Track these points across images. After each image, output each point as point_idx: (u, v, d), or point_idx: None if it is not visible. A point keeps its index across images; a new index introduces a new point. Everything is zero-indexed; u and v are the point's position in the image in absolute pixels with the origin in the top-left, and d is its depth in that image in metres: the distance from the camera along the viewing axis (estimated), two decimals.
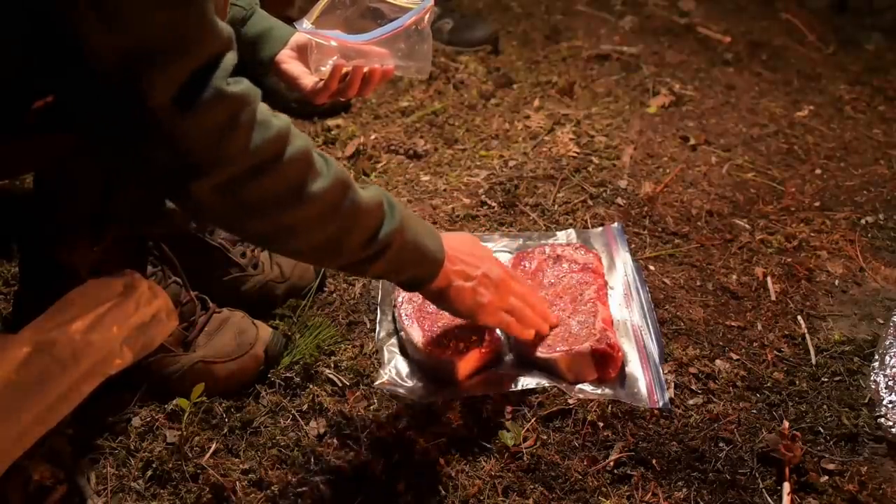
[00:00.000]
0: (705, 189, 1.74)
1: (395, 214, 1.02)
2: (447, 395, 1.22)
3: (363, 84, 1.28)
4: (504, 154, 1.84)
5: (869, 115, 2.08)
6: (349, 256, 1.01)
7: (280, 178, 0.90)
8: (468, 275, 1.13)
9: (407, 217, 1.05)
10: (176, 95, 0.80)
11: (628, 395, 1.23)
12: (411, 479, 1.11)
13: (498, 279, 1.17)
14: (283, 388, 1.25)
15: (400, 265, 1.06)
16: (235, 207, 0.90)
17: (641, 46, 2.34)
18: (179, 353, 1.22)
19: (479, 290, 1.15)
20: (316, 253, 1.02)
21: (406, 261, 1.06)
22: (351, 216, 0.97)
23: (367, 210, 0.99)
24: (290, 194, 0.92)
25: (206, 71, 0.81)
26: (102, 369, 1.06)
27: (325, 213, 0.95)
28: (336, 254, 1.01)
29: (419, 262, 1.08)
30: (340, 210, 0.96)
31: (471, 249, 1.17)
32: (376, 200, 1.00)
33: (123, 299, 1.09)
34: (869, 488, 1.11)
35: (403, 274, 1.08)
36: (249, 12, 1.27)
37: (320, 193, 0.93)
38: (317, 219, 0.95)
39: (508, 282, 1.20)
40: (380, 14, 1.27)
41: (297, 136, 0.92)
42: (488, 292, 1.16)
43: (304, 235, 0.96)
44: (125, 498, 1.10)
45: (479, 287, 1.14)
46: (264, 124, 0.88)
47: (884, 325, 1.37)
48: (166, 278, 1.23)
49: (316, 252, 1.01)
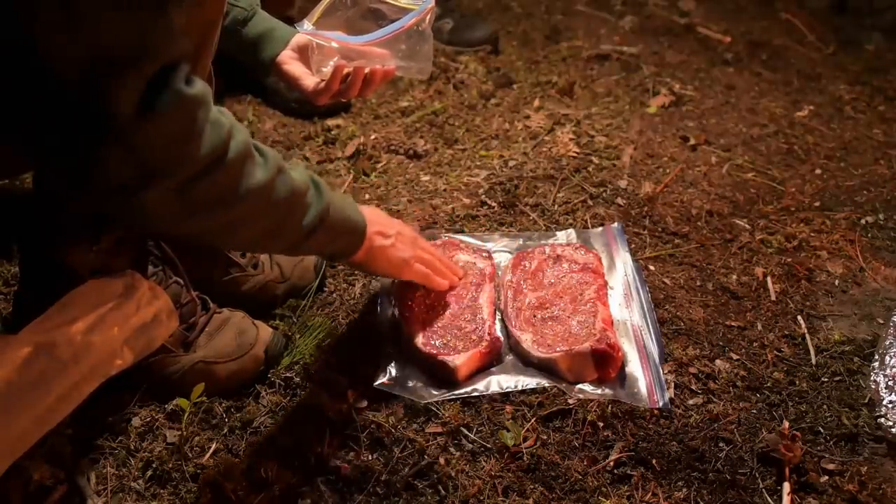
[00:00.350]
0: (705, 189, 1.74)
1: (322, 190, 1.07)
2: (447, 395, 1.23)
3: (364, 85, 1.28)
4: (504, 154, 1.84)
5: (869, 115, 2.08)
6: (289, 239, 1.05)
7: (227, 174, 0.91)
8: (386, 233, 1.22)
9: (331, 193, 1.09)
10: (138, 102, 0.80)
11: (628, 395, 1.23)
12: (411, 479, 1.12)
13: (410, 235, 1.28)
14: (283, 388, 1.25)
15: (333, 238, 1.11)
16: (184, 209, 0.90)
17: (641, 46, 2.34)
18: (180, 354, 1.22)
19: (398, 247, 1.24)
20: (259, 241, 1.05)
21: (338, 233, 1.11)
22: (287, 201, 1.00)
23: (298, 192, 1.02)
24: (234, 188, 0.92)
25: (166, 75, 0.81)
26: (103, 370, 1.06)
27: (266, 202, 0.97)
28: (278, 239, 1.04)
29: (348, 231, 1.14)
30: (278, 197, 0.98)
31: (381, 214, 1.26)
32: (304, 181, 1.04)
33: (124, 300, 1.09)
34: (869, 488, 1.11)
35: (335, 245, 1.14)
36: (250, 13, 1.27)
37: (262, 183, 0.95)
38: (258, 210, 0.97)
39: (417, 238, 1.30)
40: (381, 15, 1.27)
41: (239, 130, 0.93)
42: (406, 247, 1.25)
43: (248, 227, 0.98)
44: (125, 498, 1.10)
45: (397, 243, 1.23)
46: (217, 123, 0.88)
47: (884, 325, 1.38)
48: (167, 278, 1.23)
49: (259, 240, 1.04)
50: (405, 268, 1.26)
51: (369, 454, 1.15)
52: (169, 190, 0.86)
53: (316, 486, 1.10)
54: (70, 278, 1.08)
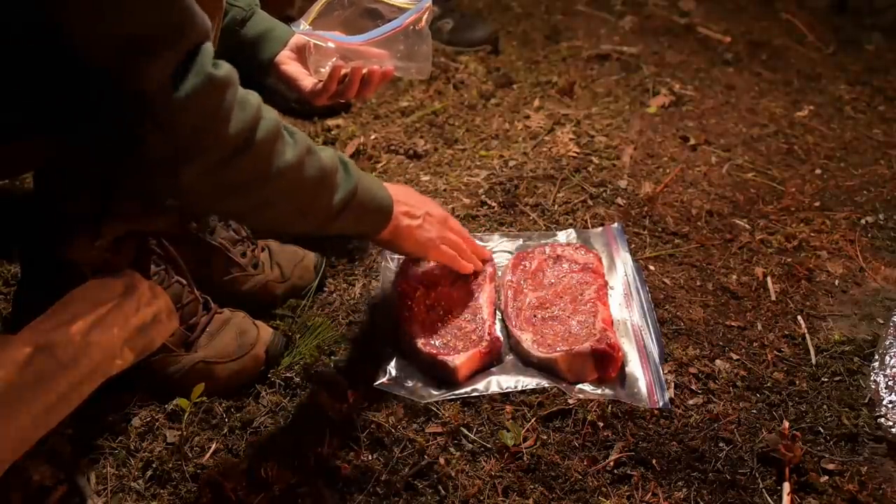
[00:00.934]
0: (705, 189, 1.74)
1: (350, 170, 1.09)
2: (447, 395, 1.23)
3: (363, 85, 1.28)
4: (504, 154, 1.84)
5: (869, 115, 2.08)
6: (318, 218, 1.06)
7: (258, 154, 0.93)
8: (413, 214, 1.23)
9: (359, 172, 1.11)
10: (169, 81, 0.82)
11: (628, 395, 1.23)
12: (411, 479, 1.12)
13: (440, 216, 1.29)
14: (283, 388, 1.25)
15: (361, 216, 1.12)
16: (220, 188, 0.93)
17: (641, 46, 2.34)
18: (181, 354, 1.22)
19: (425, 227, 1.25)
20: (288, 221, 1.07)
21: (365, 212, 1.13)
22: (316, 181, 1.02)
23: (329, 172, 1.04)
24: (266, 168, 0.94)
25: (194, 56, 0.84)
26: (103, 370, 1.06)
27: (296, 182, 0.99)
28: (308, 217, 1.06)
29: (375, 210, 1.15)
30: (309, 175, 1.00)
31: (410, 192, 1.27)
32: (333, 161, 1.05)
33: (124, 300, 1.09)
34: (869, 488, 1.11)
35: (363, 224, 1.15)
36: (249, 13, 1.27)
37: (291, 164, 0.97)
38: (288, 189, 0.99)
39: (448, 219, 1.32)
40: (378, 15, 1.27)
41: (268, 110, 0.95)
42: (434, 228, 1.27)
43: (279, 206, 1.01)
44: (125, 498, 1.10)
45: (424, 224, 1.25)
46: (243, 103, 0.90)
47: (884, 325, 1.37)
48: (169, 278, 1.23)
49: (288, 220, 1.06)
50: (431, 248, 1.27)
51: (369, 454, 1.15)
52: (204, 168, 0.89)
53: (316, 486, 1.10)
54: (71, 276, 1.08)
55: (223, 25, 1.23)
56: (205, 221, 1.36)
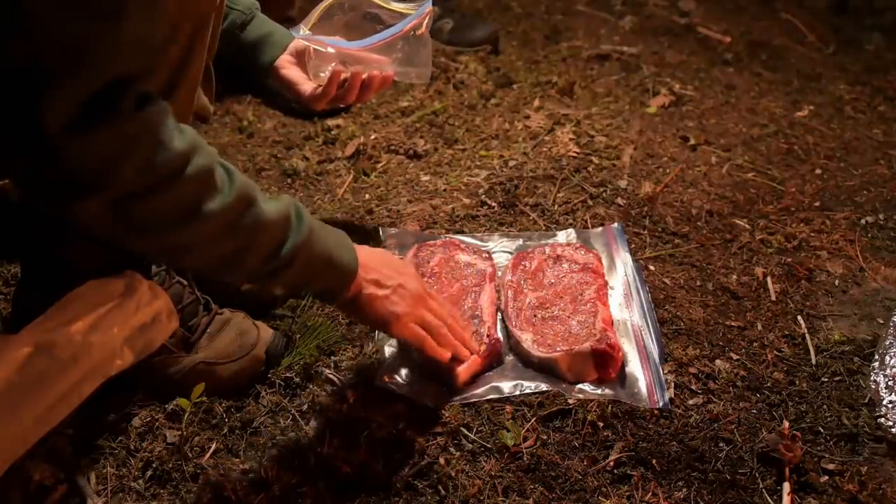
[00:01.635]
0: (705, 189, 1.74)
1: (303, 227, 1.00)
2: (447, 395, 1.22)
3: (362, 90, 1.28)
4: (504, 154, 1.84)
5: (869, 115, 2.08)
6: (252, 270, 0.99)
7: (175, 197, 0.87)
8: (382, 283, 1.11)
9: (318, 229, 1.02)
10: (73, 115, 0.77)
11: (628, 395, 1.23)
12: (411, 479, 1.11)
13: (415, 292, 1.15)
14: (283, 388, 1.25)
15: (309, 277, 1.04)
16: (126, 226, 0.87)
17: (641, 46, 2.35)
18: (182, 355, 1.22)
19: (392, 299, 1.12)
20: (214, 269, 1.00)
21: (315, 272, 1.04)
22: (251, 232, 0.94)
23: (269, 225, 0.96)
24: (184, 213, 0.88)
25: (109, 92, 0.78)
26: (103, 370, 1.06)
27: (222, 230, 0.92)
28: (236, 269, 0.98)
29: (330, 273, 1.05)
30: (240, 227, 0.93)
31: (389, 262, 1.15)
32: (282, 214, 0.98)
33: (124, 300, 1.09)
34: (869, 488, 1.11)
35: (314, 285, 1.07)
36: (249, 17, 1.27)
37: (217, 211, 0.90)
38: (213, 237, 0.92)
39: (426, 297, 1.17)
40: (378, 19, 1.26)
41: (201, 153, 0.88)
42: (403, 302, 1.13)
43: (199, 253, 0.94)
44: (125, 498, 1.10)
45: (392, 296, 1.12)
46: (165, 146, 0.84)
47: (884, 325, 1.37)
48: (170, 278, 1.23)
49: (214, 268, 0.99)
50: (394, 323, 1.13)
51: (369, 454, 1.14)
52: (101, 205, 0.83)
53: (316, 486, 1.10)
54: (71, 277, 1.08)
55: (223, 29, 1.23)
56: None
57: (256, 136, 1.93)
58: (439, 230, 1.58)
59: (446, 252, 1.44)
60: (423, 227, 1.59)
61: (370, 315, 1.12)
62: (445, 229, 1.58)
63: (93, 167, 0.80)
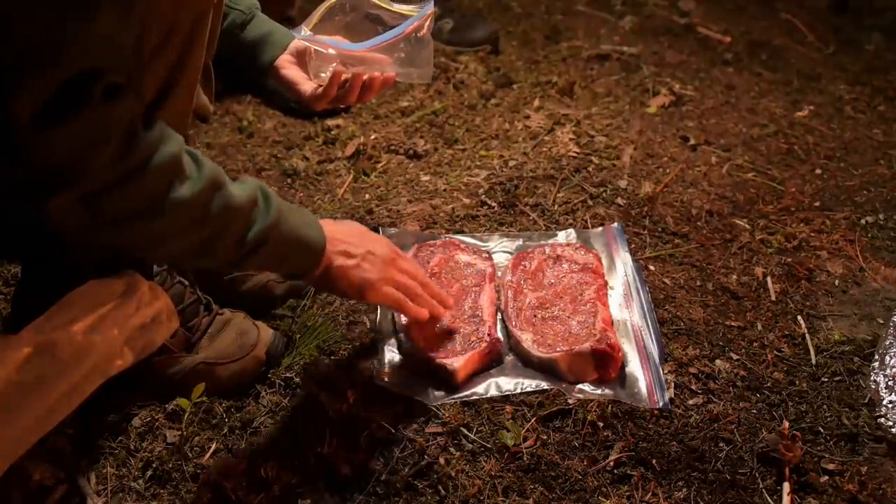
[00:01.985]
0: (705, 189, 1.74)
1: (271, 208, 1.01)
2: (447, 395, 1.22)
3: (363, 91, 1.28)
4: (504, 154, 1.84)
5: (869, 115, 2.08)
6: (224, 256, 1.00)
7: (146, 186, 0.87)
8: (350, 253, 1.13)
9: (285, 209, 1.03)
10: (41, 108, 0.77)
11: (628, 395, 1.23)
12: (411, 479, 1.11)
13: (384, 256, 1.16)
14: (283, 388, 1.25)
15: (279, 258, 1.05)
16: (99, 220, 0.87)
17: (641, 46, 2.35)
18: (182, 355, 1.22)
19: (363, 266, 1.13)
20: (188, 257, 1.01)
21: (285, 253, 1.05)
22: (221, 218, 0.95)
23: (238, 209, 0.97)
24: (155, 203, 0.88)
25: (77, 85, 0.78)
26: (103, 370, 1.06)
27: (194, 218, 0.92)
28: (209, 255, 0.99)
29: (299, 251, 1.07)
30: (210, 213, 0.93)
31: (356, 231, 1.17)
32: (249, 197, 0.98)
33: (124, 300, 1.09)
34: (869, 488, 1.11)
35: (284, 265, 1.09)
36: (249, 16, 1.27)
37: (188, 199, 0.90)
38: (185, 225, 0.93)
39: (396, 259, 1.19)
40: (379, 20, 1.26)
41: (167, 141, 0.88)
42: (374, 268, 1.14)
43: (172, 242, 0.94)
44: (125, 498, 1.10)
45: (362, 263, 1.13)
46: (131, 136, 0.84)
47: (884, 325, 1.38)
48: (171, 278, 1.23)
49: (188, 256, 1.00)
50: (368, 290, 1.14)
51: (369, 454, 1.14)
52: (73, 200, 0.83)
53: (316, 486, 1.10)
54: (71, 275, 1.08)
55: (223, 29, 1.23)
56: None
57: (256, 136, 1.93)
58: (439, 230, 1.58)
59: (446, 252, 1.44)
60: (423, 227, 1.59)
61: (344, 286, 1.13)
62: (445, 229, 1.58)
63: (63, 161, 0.80)
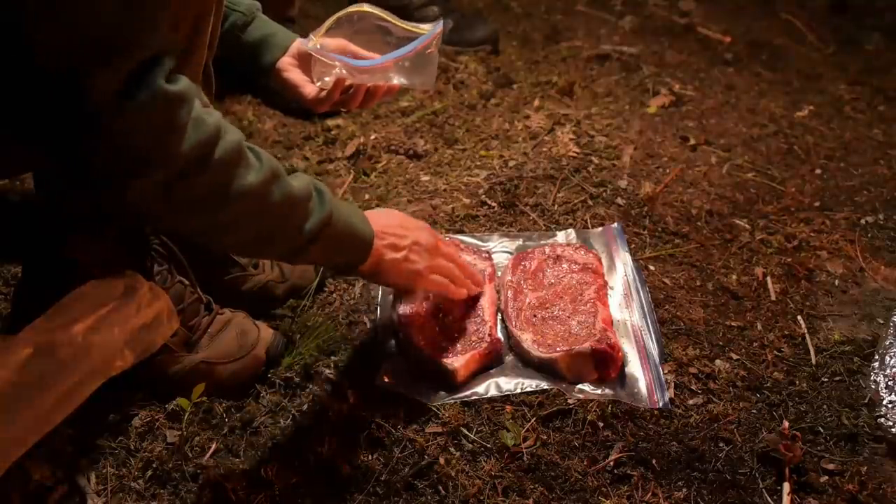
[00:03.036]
0: (705, 189, 1.74)
1: (325, 201, 1.04)
2: (447, 395, 1.23)
3: (366, 97, 1.28)
4: (504, 154, 1.84)
5: (869, 115, 2.08)
6: (283, 246, 1.03)
7: (213, 175, 0.90)
8: (398, 246, 1.17)
9: (335, 202, 1.06)
10: (119, 91, 0.80)
11: (628, 395, 1.23)
12: (411, 479, 1.12)
13: (428, 244, 1.21)
14: (283, 388, 1.25)
15: (334, 250, 1.08)
16: (169, 206, 0.90)
17: (641, 46, 2.35)
18: (183, 354, 1.22)
19: (411, 258, 1.18)
20: (250, 246, 1.04)
21: (340, 245, 1.08)
22: (283, 207, 0.98)
23: (298, 199, 1.00)
24: (224, 190, 0.92)
25: (147, 69, 0.82)
26: (103, 371, 1.06)
27: (259, 206, 0.95)
28: (270, 245, 1.02)
29: (351, 243, 1.10)
30: (272, 202, 0.96)
31: (398, 222, 1.20)
32: (306, 189, 1.01)
33: (124, 301, 1.09)
34: (869, 488, 1.11)
35: (338, 258, 1.11)
36: (250, 18, 1.27)
37: (253, 187, 0.93)
38: (250, 213, 0.96)
39: (438, 244, 1.24)
40: (387, 31, 1.27)
41: (229, 131, 0.92)
42: (421, 259, 1.20)
43: (238, 230, 0.97)
44: (125, 498, 1.10)
45: (410, 255, 1.18)
46: (199, 122, 0.87)
47: (884, 325, 1.38)
48: (172, 278, 1.22)
49: (250, 245, 1.03)
50: (419, 280, 1.21)
51: (369, 454, 1.15)
52: (154, 184, 0.86)
53: (316, 486, 1.10)
54: (72, 276, 1.08)
55: (224, 30, 1.23)
56: None
57: (256, 136, 1.93)
58: (439, 230, 1.58)
59: None
60: None
61: (393, 279, 1.19)
62: (445, 229, 1.58)
63: (140, 143, 0.84)
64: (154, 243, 1.22)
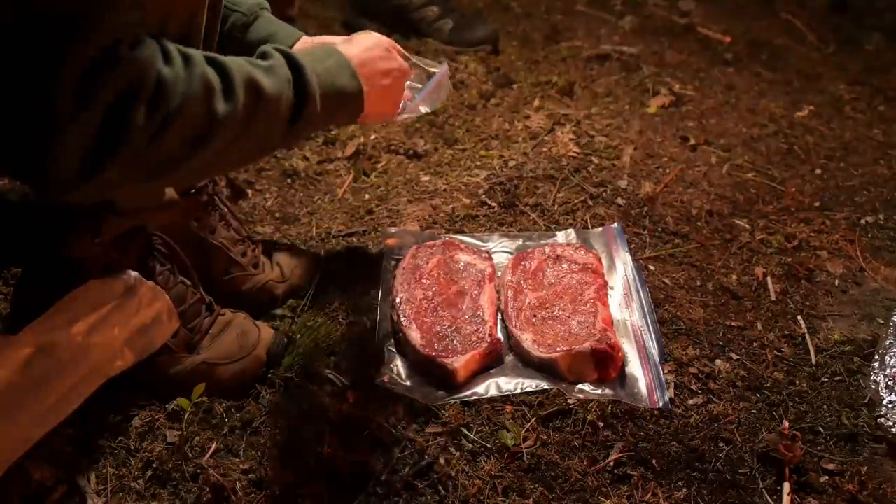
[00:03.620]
0: (705, 189, 1.74)
1: (305, 74, 1.03)
2: (447, 395, 1.23)
3: None
4: (504, 154, 1.84)
5: (869, 115, 2.08)
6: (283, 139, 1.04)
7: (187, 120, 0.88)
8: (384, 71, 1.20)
9: (314, 68, 1.05)
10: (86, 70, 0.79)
11: (628, 395, 1.23)
12: (411, 479, 1.12)
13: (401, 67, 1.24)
14: (283, 388, 1.25)
15: (329, 115, 1.10)
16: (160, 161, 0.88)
17: (641, 46, 2.35)
18: (183, 355, 1.22)
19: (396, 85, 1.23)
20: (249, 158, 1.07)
21: (331, 112, 1.10)
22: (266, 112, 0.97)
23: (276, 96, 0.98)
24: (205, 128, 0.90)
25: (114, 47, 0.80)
26: (103, 371, 1.06)
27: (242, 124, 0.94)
28: (268, 147, 1.04)
29: (343, 102, 1.12)
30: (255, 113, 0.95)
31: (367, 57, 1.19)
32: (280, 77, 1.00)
33: (125, 301, 1.09)
34: (869, 488, 1.11)
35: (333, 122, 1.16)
36: (251, 17, 1.27)
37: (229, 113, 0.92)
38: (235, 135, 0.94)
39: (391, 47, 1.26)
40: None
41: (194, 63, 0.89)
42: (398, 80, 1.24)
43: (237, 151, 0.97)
44: (125, 498, 1.10)
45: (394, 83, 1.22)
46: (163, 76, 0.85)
47: (884, 325, 1.38)
48: (174, 278, 1.22)
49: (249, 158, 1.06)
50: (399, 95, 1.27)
51: (369, 454, 1.15)
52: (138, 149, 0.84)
53: (316, 486, 1.10)
54: (72, 275, 1.08)
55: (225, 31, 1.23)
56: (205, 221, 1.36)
57: None
58: (439, 230, 1.58)
59: (446, 252, 1.44)
60: (423, 227, 1.59)
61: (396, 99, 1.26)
62: (445, 229, 1.58)
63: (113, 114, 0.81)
64: (156, 244, 1.22)
